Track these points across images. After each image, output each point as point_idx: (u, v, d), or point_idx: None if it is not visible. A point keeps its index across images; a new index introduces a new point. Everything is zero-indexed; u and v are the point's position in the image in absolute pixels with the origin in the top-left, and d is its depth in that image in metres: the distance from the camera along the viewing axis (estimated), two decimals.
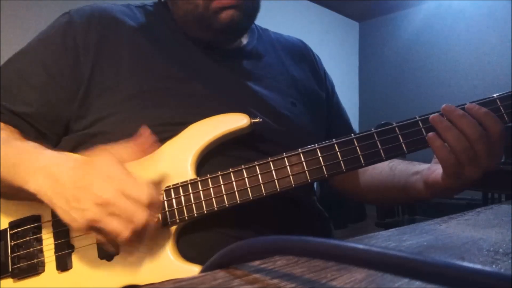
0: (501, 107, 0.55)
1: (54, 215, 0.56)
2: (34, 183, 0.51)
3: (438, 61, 3.68)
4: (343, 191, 0.85)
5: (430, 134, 0.55)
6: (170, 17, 0.73)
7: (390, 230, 0.43)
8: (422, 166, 0.66)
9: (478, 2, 3.46)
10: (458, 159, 0.53)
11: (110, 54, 0.65)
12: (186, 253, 0.57)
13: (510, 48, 3.18)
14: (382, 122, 0.58)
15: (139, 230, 0.48)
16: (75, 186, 0.49)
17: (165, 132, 0.61)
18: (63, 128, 0.66)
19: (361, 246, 0.20)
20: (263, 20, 0.78)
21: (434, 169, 0.61)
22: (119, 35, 0.67)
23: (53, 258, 0.58)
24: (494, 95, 0.56)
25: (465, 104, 0.55)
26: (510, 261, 0.31)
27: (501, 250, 0.34)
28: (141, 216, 0.47)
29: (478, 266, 0.16)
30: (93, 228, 0.49)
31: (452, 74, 3.58)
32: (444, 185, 0.58)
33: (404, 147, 0.56)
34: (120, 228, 0.47)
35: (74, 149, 0.64)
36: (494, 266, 0.30)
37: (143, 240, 0.50)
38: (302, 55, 0.85)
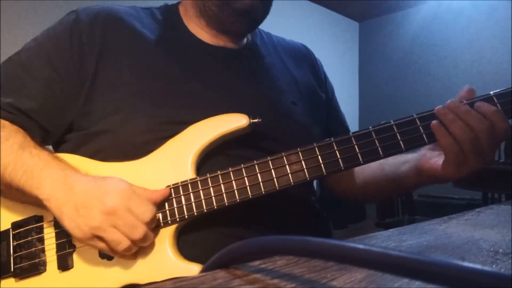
0: (497, 104, 0.56)
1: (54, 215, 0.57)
2: (48, 189, 0.55)
3: (438, 61, 3.67)
4: (339, 192, 0.86)
5: (434, 122, 0.56)
6: (177, 19, 0.74)
7: (390, 230, 0.43)
8: (410, 155, 0.68)
9: (478, 2, 3.45)
10: (463, 148, 0.55)
11: (113, 53, 0.66)
12: (187, 252, 0.57)
13: (510, 48, 3.18)
14: (382, 122, 0.58)
15: (136, 242, 0.53)
16: (87, 195, 0.53)
17: (166, 130, 0.61)
18: (67, 126, 0.67)
19: (361, 246, 0.20)
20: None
21: (430, 157, 0.62)
22: (123, 35, 0.67)
23: (55, 257, 0.58)
24: (491, 92, 0.57)
25: (472, 100, 0.56)
26: (510, 261, 0.31)
27: (501, 250, 0.34)
28: (140, 231, 0.53)
29: (478, 266, 0.16)
30: (94, 236, 0.53)
31: (452, 74, 3.58)
32: (443, 173, 0.59)
33: (402, 145, 0.56)
34: (120, 239, 0.52)
35: (77, 148, 0.65)
36: (494, 266, 0.30)
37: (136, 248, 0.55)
38: (303, 58, 0.86)
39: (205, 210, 0.56)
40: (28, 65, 0.65)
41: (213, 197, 0.56)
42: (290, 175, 0.56)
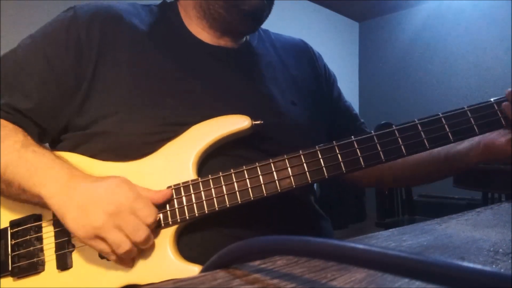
0: (498, 111, 0.58)
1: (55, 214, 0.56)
2: (52, 188, 0.54)
3: (438, 61, 3.67)
4: (367, 183, 0.86)
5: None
6: (176, 18, 0.73)
7: (390, 230, 0.43)
8: (465, 142, 0.69)
9: (478, 2, 3.45)
10: None
11: (112, 52, 0.65)
12: (187, 253, 0.57)
13: (510, 48, 3.18)
14: (382, 123, 0.59)
15: (138, 245, 0.53)
16: (91, 195, 0.53)
17: (167, 132, 0.61)
18: (63, 124, 0.66)
19: (361, 246, 0.20)
20: None
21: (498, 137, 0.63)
22: (122, 33, 0.67)
23: (54, 257, 0.58)
24: (491, 99, 0.58)
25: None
26: (510, 261, 0.31)
27: (501, 250, 0.34)
28: (142, 234, 0.53)
29: (478, 266, 0.16)
30: (96, 236, 0.52)
31: (451, 74, 3.58)
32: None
33: (403, 150, 0.57)
34: (121, 241, 0.52)
35: (75, 148, 0.64)
36: (494, 266, 0.30)
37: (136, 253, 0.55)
38: (301, 53, 0.85)
39: (206, 212, 0.56)
40: (23, 63, 0.65)
41: (215, 199, 0.57)
42: (292, 177, 0.57)
